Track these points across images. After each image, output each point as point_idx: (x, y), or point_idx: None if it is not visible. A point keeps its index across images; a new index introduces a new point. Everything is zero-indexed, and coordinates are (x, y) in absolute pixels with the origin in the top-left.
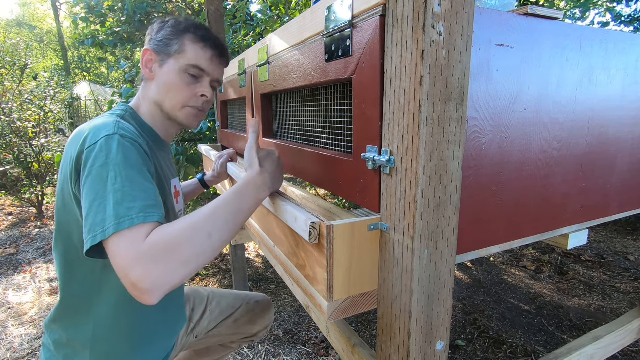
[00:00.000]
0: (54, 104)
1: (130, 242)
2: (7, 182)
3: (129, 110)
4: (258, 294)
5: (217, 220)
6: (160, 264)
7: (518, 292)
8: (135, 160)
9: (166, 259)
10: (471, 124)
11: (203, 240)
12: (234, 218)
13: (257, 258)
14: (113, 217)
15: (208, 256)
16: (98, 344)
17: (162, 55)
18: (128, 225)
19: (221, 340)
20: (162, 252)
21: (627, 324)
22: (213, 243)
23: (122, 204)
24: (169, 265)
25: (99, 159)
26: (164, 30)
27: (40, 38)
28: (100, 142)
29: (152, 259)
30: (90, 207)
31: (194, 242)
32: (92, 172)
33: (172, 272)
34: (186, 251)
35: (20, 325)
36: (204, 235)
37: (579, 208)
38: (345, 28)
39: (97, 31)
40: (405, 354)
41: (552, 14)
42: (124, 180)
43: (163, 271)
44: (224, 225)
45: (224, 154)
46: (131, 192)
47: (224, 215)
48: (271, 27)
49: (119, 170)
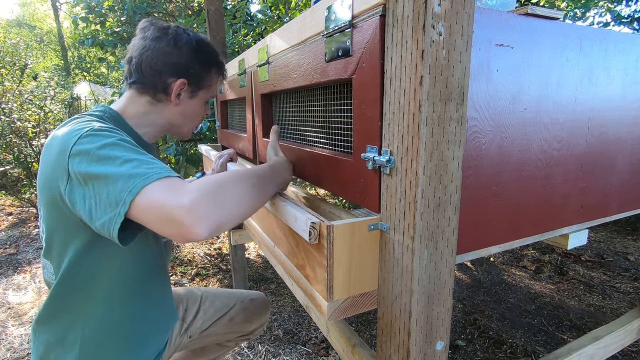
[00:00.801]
0: (54, 104)
1: (168, 186)
2: (7, 182)
3: (108, 112)
4: (253, 291)
5: (258, 178)
6: (210, 195)
7: (518, 292)
8: (129, 141)
9: (215, 192)
10: (471, 124)
11: (247, 187)
12: (268, 185)
13: (257, 258)
14: (136, 176)
15: (250, 206)
16: (87, 343)
17: (194, 87)
18: (155, 178)
19: (217, 339)
20: (210, 187)
21: (627, 324)
22: (254, 195)
23: (141, 166)
24: (218, 197)
25: (94, 144)
26: (199, 62)
27: (40, 38)
28: (88, 134)
29: (201, 191)
30: (107, 185)
31: (241, 185)
32: (92, 159)
33: (222, 205)
34: (234, 190)
35: (20, 325)
36: (248, 183)
37: (579, 208)
38: (345, 28)
39: (97, 31)
40: (405, 354)
41: (552, 14)
42: (130, 152)
43: (213, 202)
44: (262, 186)
45: (224, 153)
46: (144, 157)
47: (263, 178)
48: (271, 27)
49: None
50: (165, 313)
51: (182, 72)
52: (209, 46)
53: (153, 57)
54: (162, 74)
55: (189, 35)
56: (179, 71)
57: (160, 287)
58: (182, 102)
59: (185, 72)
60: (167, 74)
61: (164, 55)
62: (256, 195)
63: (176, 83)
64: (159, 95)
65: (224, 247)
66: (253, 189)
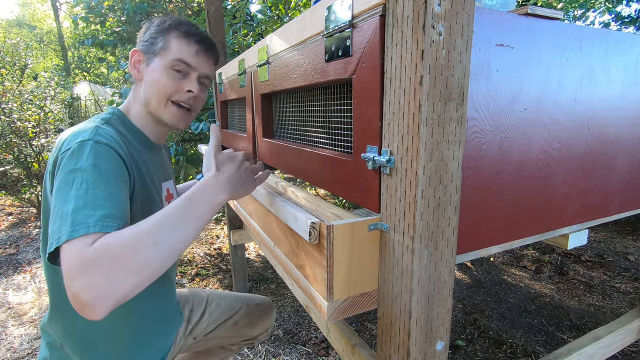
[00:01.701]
0: (54, 104)
1: (78, 251)
2: (7, 182)
3: (116, 114)
4: (259, 296)
5: (164, 227)
6: (102, 273)
7: (518, 292)
8: (105, 168)
9: (108, 269)
10: (471, 124)
11: (148, 248)
12: (185, 224)
13: (257, 258)
14: (69, 224)
15: (157, 265)
16: (88, 349)
17: (149, 55)
18: (82, 232)
19: (221, 342)
20: (104, 261)
21: (627, 324)
22: (161, 251)
23: (82, 211)
24: (112, 275)
25: (69, 164)
26: (150, 30)
27: (40, 38)
28: (73, 148)
29: (94, 268)
30: (54, 213)
31: (139, 251)
32: (60, 177)
33: (115, 282)
34: (131, 260)
35: (20, 325)
36: (149, 243)
37: (579, 208)
38: (345, 28)
39: (97, 31)
40: (405, 354)
41: (552, 14)
42: (88, 187)
43: (105, 282)
44: (172, 232)
45: None
46: (93, 199)
47: (172, 221)
48: (271, 27)
49: (85, 177)
50: (170, 315)
51: (138, 45)
52: (168, 18)
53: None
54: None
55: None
56: (136, 46)
57: (164, 290)
58: (143, 73)
59: (139, 43)
60: None
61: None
62: (165, 249)
63: (134, 55)
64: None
65: (224, 247)
66: (155, 248)
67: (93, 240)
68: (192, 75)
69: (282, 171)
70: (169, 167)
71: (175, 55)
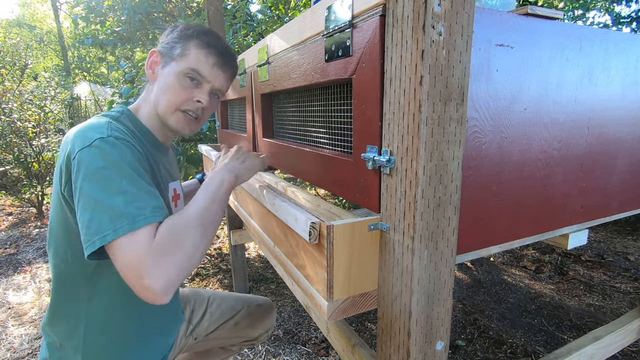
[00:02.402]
0: (54, 104)
1: (144, 243)
2: (7, 182)
3: (125, 112)
4: (260, 297)
5: (203, 211)
6: (172, 260)
7: (518, 292)
8: (133, 162)
9: (176, 254)
10: (471, 124)
11: (197, 230)
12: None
13: (257, 258)
14: (126, 216)
15: (206, 243)
16: (90, 349)
17: (166, 58)
18: (142, 224)
19: (221, 343)
20: (170, 249)
21: (627, 324)
22: (206, 231)
23: (133, 203)
24: (178, 260)
25: (97, 161)
26: (173, 33)
27: (40, 38)
28: (95, 144)
29: (164, 256)
30: (94, 209)
31: (192, 234)
32: (89, 174)
33: (181, 267)
34: (188, 242)
35: (20, 325)
36: (196, 225)
37: (579, 208)
38: (345, 28)
39: (97, 31)
40: (405, 354)
41: (552, 14)
42: (129, 181)
43: (175, 266)
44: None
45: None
46: (138, 192)
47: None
48: (271, 27)
49: (121, 172)
50: (170, 316)
51: (157, 46)
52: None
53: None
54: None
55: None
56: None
57: None
58: (157, 75)
59: (159, 45)
60: None
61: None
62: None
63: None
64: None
65: (224, 247)
66: (202, 228)
67: (154, 230)
68: (204, 87)
69: (282, 171)
70: (175, 168)
71: (191, 64)
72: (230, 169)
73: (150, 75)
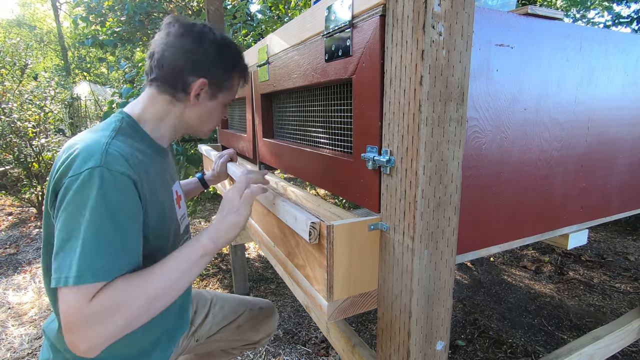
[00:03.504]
0: (54, 104)
1: (77, 305)
2: (7, 182)
3: (125, 120)
4: (262, 300)
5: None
6: (98, 328)
7: (518, 292)
8: (115, 202)
9: (103, 323)
10: (471, 124)
11: (141, 301)
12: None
13: (257, 258)
14: (76, 267)
15: (148, 315)
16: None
17: (214, 89)
18: (87, 281)
19: (223, 345)
20: (100, 317)
21: (627, 324)
22: (151, 303)
23: (88, 256)
24: (106, 328)
25: (78, 196)
26: (223, 63)
27: (40, 38)
28: (83, 175)
29: (90, 324)
30: (62, 246)
31: (131, 305)
32: (68, 208)
33: (109, 334)
34: (124, 313)
35: (20, 325)
36: (140, 296)
37: (579, 208)
38: (345, 28)
39: (97, 31)
40: (405, 354)
41: (552, 14)
42: (97, 228)
43: (100, 335)
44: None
45: (224, 153)
46: (102, 244)
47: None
48: (271, 27)
49: (94, 215)
50: (175, 321)
51: (204, 71)
52: (235, 47)
53: (175, 54)
54: (183, 72)
55: (214, 35)
56: (200, 70)
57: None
58: (201, 102)
59: (207, 72)
60: (188, 73)
61: (187, 53)
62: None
63: (196, 83)
64: (179, 95)
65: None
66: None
67: (94, 291)
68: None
69: (282, 171)
70: (174, 169)
71: (233, 97)
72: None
73: (192, 101)
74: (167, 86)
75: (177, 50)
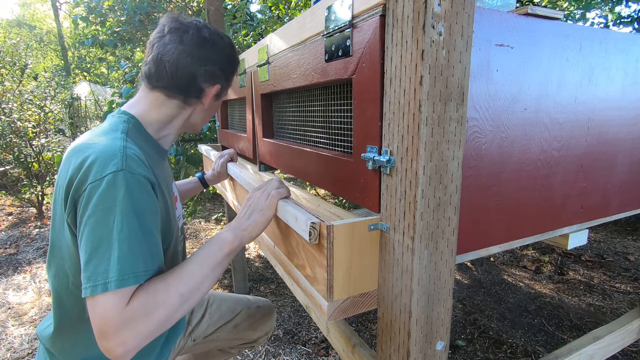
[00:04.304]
0: (54, 104)
1: (118, 305)
2: (7, 182)
3: (131, 121)
4: (260, 298)
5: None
6: (136, 331)
7: (518, 292)
8: (141, 205)
9: (142, 326)
10: (471, 124)
11: (176, 300)
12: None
13: (257, 258)
14: (117, 271)
15: (181, 313)
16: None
17: (223, 91)
18: (130, 283)
19: (220, 345)
20: (139, 321)
21: (627, 324)
22: (185, 301)
23: (127, 259)
24: (144, 331)
25: (105, 200)
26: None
27: (40, 38)
28: (107, 180)
29: (129, 327)
30: (94, 253)
31: (168, 305)
32: (95, 215)
33: (146, 336)
34: (161, 314)
35: (20, 325)
36: (176, 295)
37: (579, 208)
38: (345, 28)
39: (97, 31)
40: (405, 354)
41: (552, 14)
42: (130, 231)
43: (138, 338)
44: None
45: (224, 153)
46: (137, 246)
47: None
48: (271, 27)
49: (125, 218)
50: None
51: (220, 78)
52: (235, 48)
53: (193, 64)
54: (198, 79)
55: (223, 40)
56: (217, 78)
57: None
58: (209, 104)
59: (222, 79)
60: (204, 80)
61: (205, 61)
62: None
63: (212, 89)
64: (191, 100)
65: None
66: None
67: (130, 293)
68: None
69: (282, 171)
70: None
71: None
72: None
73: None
74: (178, 92)
75: (194, 59)
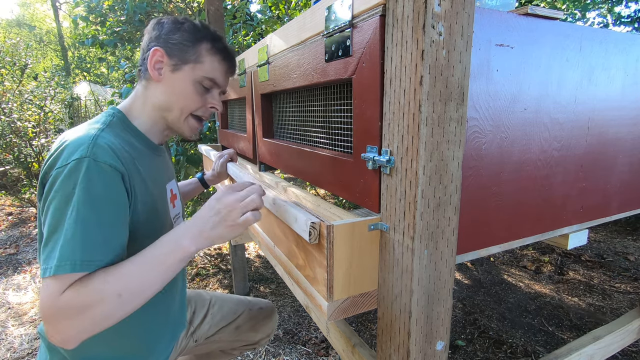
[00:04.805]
0: (54, 104)
1: (53, 292)
2: (7, 182)
3: (117, 115)
4: (262, 300)
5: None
6: (69, 322)
7: (518, 292)
8: (99, 193)
9: (75, 318)
10: (471, 124)
11: (112, 299)
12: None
13: (257, 258)
14: (57, 257)
15: (123, 315)
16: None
17: (175, 60)
18: (66, 271)
19: (222, 346)
20: (71, 312)
21: (627, 324)
22: (123, 301)
23: (67, 245)
24: (78, 323)
25: (65, 186)
26: (180, 33)
27: (40, 38)
28: (69, 166)
29: (62, 316)
30: (49, 237)
31: (104, 302)
32: (55, 200)
33: (80, 329)
34: (95, 310)
35: (20, 325)
36: (113, 294)
37: (579, 208)
38: (345, 28)
39: (97, 31)
40: (405, 354)
41: (552, 14)
42: (78, 218)
43: (72, 328)
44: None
45: (224, 153)
46: (82, 233)
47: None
48: (271, 27)
49: (77, 206)
50: (173, 323)
51: (159, 42)
52: (200, 23)
53: (144, 41)
54: (145, 51)
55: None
56: (156, 42)
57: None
58: (165, 77)
59: (163, 42)
60: (147, 49)
61: (149, 33)
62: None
63: (150, 52)
64: (146, 74)
65: (224, 247)
66: (119, 299)
67: (69, 283)
68: (215, 91)
69: (282, 171)
70: (171, 167)
71: (207, 74)
72: (195, 234)
73: (155, 77)
74: (139, 72)
75: (146, 36)
